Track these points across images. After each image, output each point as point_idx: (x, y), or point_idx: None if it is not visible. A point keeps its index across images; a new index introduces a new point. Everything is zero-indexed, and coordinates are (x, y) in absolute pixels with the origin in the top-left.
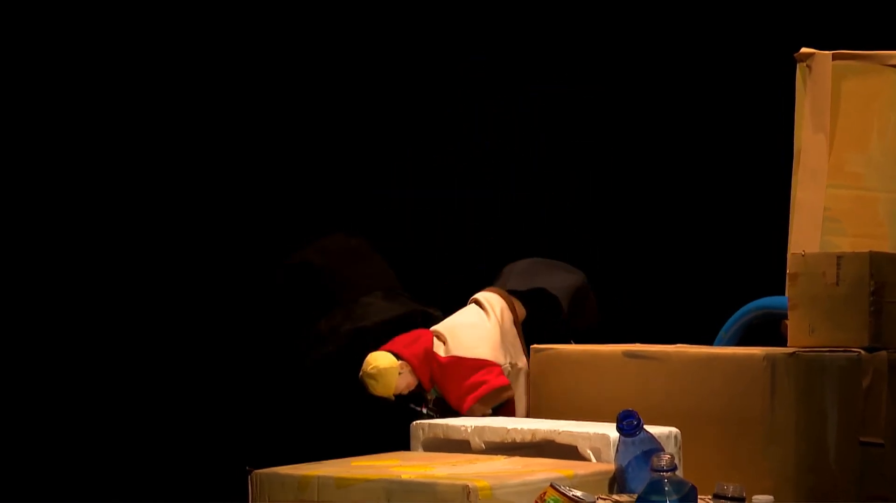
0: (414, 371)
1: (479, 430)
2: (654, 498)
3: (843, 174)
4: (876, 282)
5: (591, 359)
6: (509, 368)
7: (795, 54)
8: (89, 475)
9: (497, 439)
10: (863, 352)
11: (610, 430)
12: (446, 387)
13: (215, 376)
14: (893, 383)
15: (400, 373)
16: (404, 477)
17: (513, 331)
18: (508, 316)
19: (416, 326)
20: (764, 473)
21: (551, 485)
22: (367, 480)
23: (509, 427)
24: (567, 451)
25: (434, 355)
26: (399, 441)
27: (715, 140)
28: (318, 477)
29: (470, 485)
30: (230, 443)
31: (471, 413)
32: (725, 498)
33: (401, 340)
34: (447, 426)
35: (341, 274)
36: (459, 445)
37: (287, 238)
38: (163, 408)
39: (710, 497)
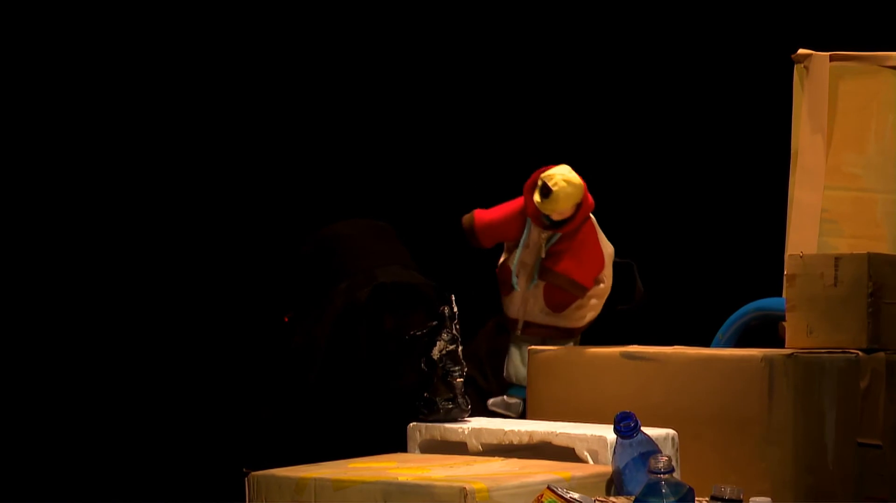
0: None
1: (476, 432)
2: (651, 500)
3: (841, 175)
4: (874, 284)
5: (589, 360)
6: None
7: (792, 55)
8: (85, 476)
9: (494, 441)
10: (861, 353)
11: (607, 432)
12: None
13: (212, 376)
14: (891, 384)
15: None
16: (401, 479)
17: None
18: None
19: (431, 298)
20: (761, 475)
21: (548, 488)
22: (364, 482)
23: (506, 429)
24: (564, 453)
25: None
26: (396, 442)
27: (712, 141)
28: (315, 479)
29: (467, 487)
30: (227, 444)
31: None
32: (723, 499)
33: None
34: (444, 428)
35: (366, 245)
36: (456, 447)
37: (285, 236)
38: (159, 409)
39: (707, 499)
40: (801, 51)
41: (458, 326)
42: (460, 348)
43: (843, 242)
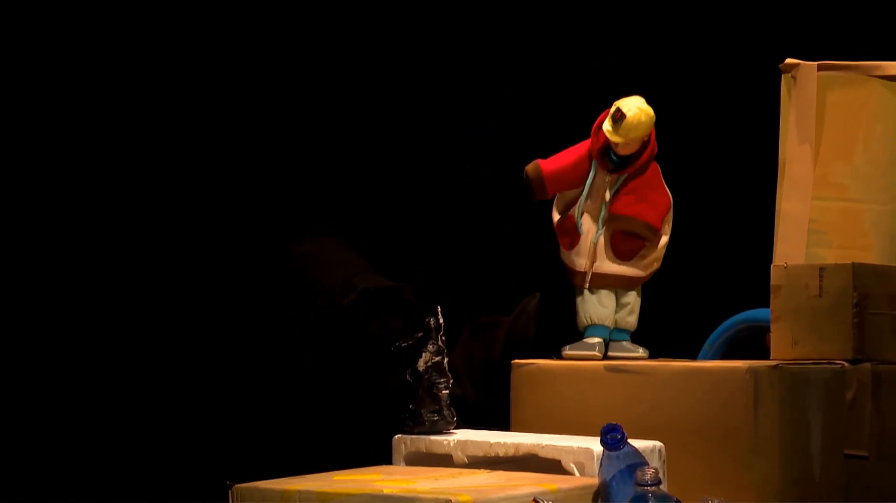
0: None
1: (462, 444)
2: None
3: (829, 185)
4: (859, 294)
5: (573, 373)
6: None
7: (780, 65)
8: (62, 484)
9: (480, 453)
10: (846, 364)
11: (594, 444)
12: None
13: (195, 387)
14: (877, 395)
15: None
16: (387, 491)
17: None
18: None
19: (411, 302)
20: (748, 487)
21: (534, 500)
22: (349, 495)
23: (492, 441)
24: (550, 466)
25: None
26: (381, 455)
27: (698, 152)
28: (300, 491)
29: (452, 499)
30: (210, 456)
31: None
32: None
33: None
34: (429, 440)
35: (336, 258)
36: (442, 459)
37: (267, 243)
38: (141, 421)
39: None
40: (788, 60)
41: (443, 338)
42: (446, 360)
43: (831, 253)
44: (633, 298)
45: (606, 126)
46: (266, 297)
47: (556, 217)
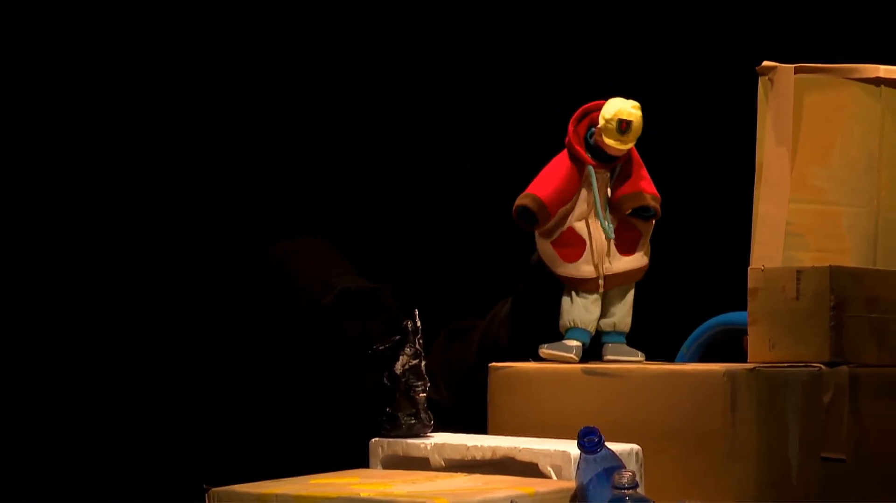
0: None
1: (439, 448)
2: None
3: (806, 188)
4: (836, 297)
5: (550, 376)
6: None
7: (757, 67)
8: (41, 484)
9: (457, 456)
10: (823, 367)
11: (571, 448)
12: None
13: (171, 390)
14: (854, 398)
15: None
16: (364, 494)
17: None
18: None
19: (387, 301)
20: (725, 490)
21: None
22: (326, 498)
23: (469, 444)
24: (527, 469)
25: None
26: (358, 458)
27: (676, 154)
28: (277, 495)
29: (429, 502)
30: (187, 459)
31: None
32: None
33: None
34: (406, 443)
35: (315, 259)
36: (419, 463)
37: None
38: (118, 424)
39: None
40: (765, 63)
41: (421, 341)
42: (423, 363)
43: (809, 256)
44: (630, 298)
45: (613, 142)
46: (245, 299)
47: (549, 239)
